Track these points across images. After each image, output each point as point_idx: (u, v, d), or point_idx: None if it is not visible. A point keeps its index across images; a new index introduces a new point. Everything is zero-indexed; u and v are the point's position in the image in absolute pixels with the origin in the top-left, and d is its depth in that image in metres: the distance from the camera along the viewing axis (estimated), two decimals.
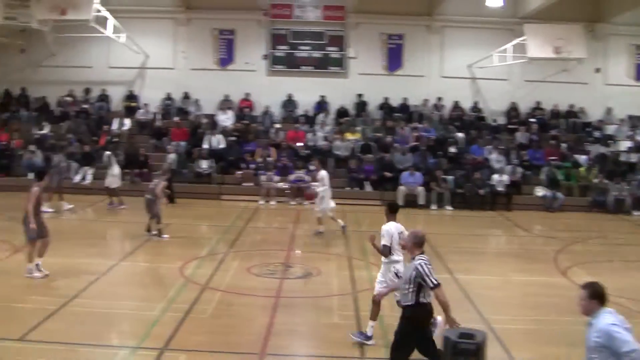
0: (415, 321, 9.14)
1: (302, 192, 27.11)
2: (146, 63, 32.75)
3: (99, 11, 26.77)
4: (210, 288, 14.39)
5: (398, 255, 11.23)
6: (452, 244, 20.22)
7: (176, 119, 31.21)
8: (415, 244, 9.23)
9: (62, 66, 32.42)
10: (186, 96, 32.58)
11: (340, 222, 21.01)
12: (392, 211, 11.75)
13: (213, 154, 28.98)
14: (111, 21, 28.04)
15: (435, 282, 8.92)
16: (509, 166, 28.58)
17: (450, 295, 14.10)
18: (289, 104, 32.49)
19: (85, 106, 32.00)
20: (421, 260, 9.04)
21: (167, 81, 32.46)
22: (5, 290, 13.82)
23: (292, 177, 27.57)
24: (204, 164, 28.44)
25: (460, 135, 30.68)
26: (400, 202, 26.51)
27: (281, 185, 27.42)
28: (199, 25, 32.67)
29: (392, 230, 11.25)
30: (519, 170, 28.64)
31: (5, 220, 21.18)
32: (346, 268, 16.66)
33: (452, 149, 29.68)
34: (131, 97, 32.72)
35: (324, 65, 32.78)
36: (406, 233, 10.85)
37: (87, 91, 32.62)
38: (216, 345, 11.04)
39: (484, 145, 29.79)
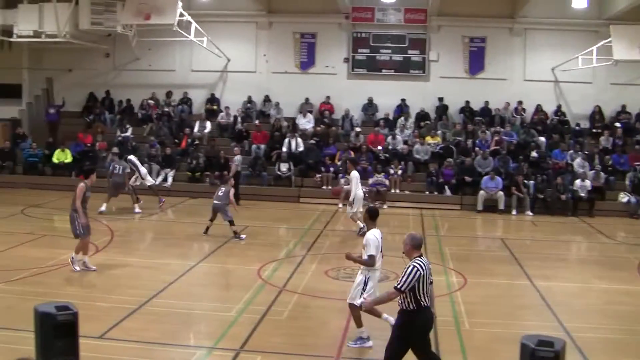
0: (412, 327, 8.97)
1: (381, 196, 27.02)
2: (228, 66, 33.08)
3: (182, 16, 27.16)
4: (287, 290, 14.47)
5: (378, 262, 11.30)
6: (532, 250, 19.94)
7: (257, 122, 31.46)
8: (414, 247, 9.13)
9: (146, 70, 33.12)
10: (267, 99, 32.80)
11: (360, 224, 20.96)
12: (372, 217, 11.85)
13: (292, 157, 29.12)
14: (194, 25, 28.41)
15: (403, 287, 8.76)
16: (592, 171, 27.91)
17: (529, 302, 14.01)
18: (370, 107, 32.43)
19: (167, 109, 32.51)
20: (415, 264, 8.90)
21: (248, 84, 32.75)
22: (87, 288, 14.16)
23: (371, 180, 27.47)
24: (283, 167, 28.59)
25: (542, 139, 30.14)
26: (479, 206, 26.29)
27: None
28: (281, 29, 32.86)
29: (377, 237, 11.24)
30: (602, 175, 27.98)
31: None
32: None
33: (534, 154, 29.16)
34: (212, 100, 33.10)
35: (405, 68, 32.59)
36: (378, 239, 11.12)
37: (169, 94, 33.14)
38: (292, 348, 11.07)
39: (567, 150, 29.22)
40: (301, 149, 29.68)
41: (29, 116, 33.91)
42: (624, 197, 27.13)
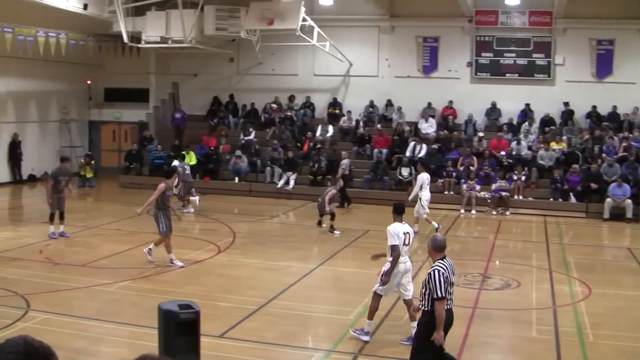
0: (430, 327, 8.86)
1: (504, 202, 26.56)
2: (350, 71, 33.15)
3: (304, 20, 27.38)
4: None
5: (403, 256, 11.47)
6: None
7: (378, 126, 31.41)
8: (434, 248, 9.15)
9: (269, 74, 33.55)
10: (389, 103, 32.70)
11: (435, 224, 21.38)
12: (397, 212, 12.05)
13: (414, 161, 28.92)
14: (316, 30, 28.60)
15: (439, 294, 8.66)
16: None
17: None
18: (493, 111, 31.88)
19: (289, 113, 32.82)
20: (437, 266, 8.88)
21: (370, 89, 32.72)
22: (209, 288, 14.40)
23: (494, 186, 27.03)
24: (405, 172, 28.43)
25: None
26: (606, 214, 25.43)
27: (483, 194, 26.92)
28: (403, 33, 32.67)
29: (397, 230, 11.48)
30: None
31: (210, 222, 22.04)
32: (546, 281, 16.07)
33: None
34: (335, 104, 33.22)
35: (530, 72, 31.85)
36: (412, 234, 11.83)
37: (292, 98, 33.46)
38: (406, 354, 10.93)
39: None
40: (424, 153, 29.42)
41: (155, 119, 34.84)
42: None
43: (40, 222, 20.28)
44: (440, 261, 9.00)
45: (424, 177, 21.58)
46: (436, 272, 8.82)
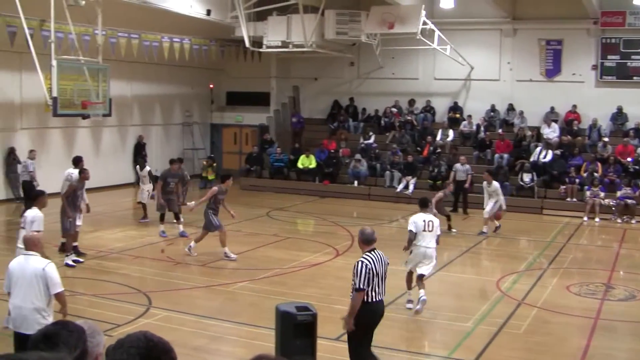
0: (357, 320, 9.08)
1: (629, 210, 25.72)
2: (471, 75, 32.76)
3: (425, 24, 27.22)
4: (526, 304, 14.06)
5: (419, 241, 13.36)
6: None
7: (500, 130, 30.94)
8: (362, 241, 9.37)
9: (389, 78, 33.47)
10: (510, 108, 32.14)
11: (497, 223, 21.67)
12: (421, 206, 13.99)
13: (536, 167, 28.35)
14: (437, 34, 28.39)
15: (360, 285, 8.92)
16: None
17: None
18: (619, 116, 30.90)
19: (409, 117, 32.68)
20: (363, 258, 9.04)
21: (492, 93, 32.21)
22: (326, 291, 14.46)
23: (619, 193, 26.21)
24: (527, 177, 27.88)
25: None
26: None
27: (607, 201, 26.14)
28: (525, 36, 32.02)
29: (416, 219, 13.43)
30: None
31: (329, 225, 22.14)
32: None
33: None
34: (455, 108, 32.89)
35: None
36: (436, 222, 13.54)
37: (412, 102, 33.31)
38: None
39: None
40: (547, 159, 28.79)
41: (275, 122, 35.25)
42: None
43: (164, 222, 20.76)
44: (367, 254, 9.23)
45: (497, 185, 22.19)
46: (360, 264, 9.12)
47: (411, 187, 28.64)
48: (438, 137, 31.19)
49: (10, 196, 25.78)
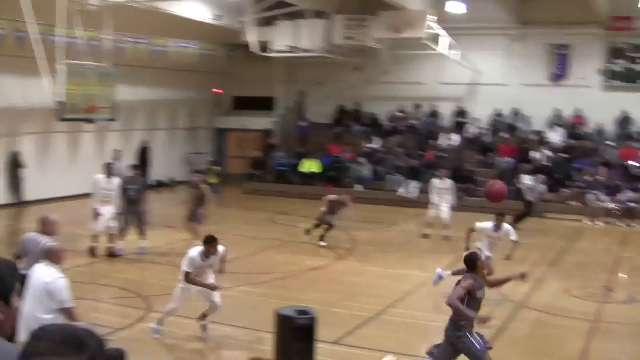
0: None
1: (632, 213, 25.70)
2: (477, 79, 32.78)
3: (432, 29, 27.28)
4: (526, 307, 14.11)
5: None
6: None
7: (505, 135, 30.95)
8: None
9: (394, 82, 33.42)
10: (516, 112, 32.16)
11: None
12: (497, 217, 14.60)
13: (539, 170, 28.35)
14: (443, 38, 28.44)
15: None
16: None
17: None
18: (625, 120, 30.91)
19: (413, 121, 32.73)
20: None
21: (498, 97, 32.11)
22: (326, 294, 14.52)
23: (623, 197, 26.21)
24: (529, 180, 27.82)
25: None
26: None
27: (610, 205, 26.13)
28: (533, 41, 31.99)
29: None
30: None
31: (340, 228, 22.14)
32: None
33: None
34: (461, 112, 32.92)
35: None
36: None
37: (417, 106, 33.35)
38: None
39: None
40: (549, 162, 28.81)
41: (281, 127, 35.34)
42: None
43: (165, 226, 20.83)
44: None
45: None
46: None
47: (415, 191, 28.61)
48: (442, 141, 31.20)
49: (11, 200, 25.73)
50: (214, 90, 35.81)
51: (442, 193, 21.54)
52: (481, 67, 32.20)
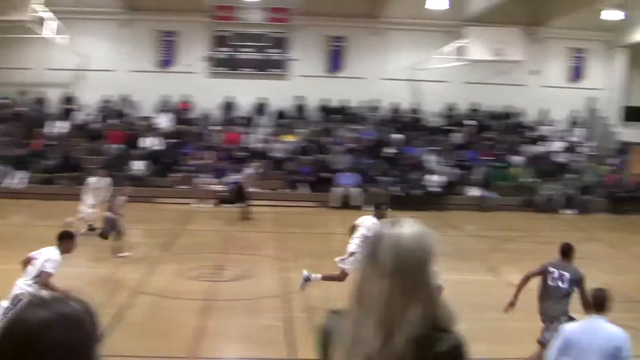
0: None
1: (241, 195, 26.85)
2: (86, 65, 32.27)
3: (36, 12, 25.99)
4: (142, 292, 14.34)
5: None
6: None
7: (114, 121, 30.92)
8: None
9: None
10: (125, 98, 32.23)
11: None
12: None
13: (149, 156, 28.73)
14: (50, 22, 27.30)
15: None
16: (445, 167, 28.95)
17: None
18: (229, 106, 32.37)
19: (19, 109, 31.48)
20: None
21: (107, 83, 31.83)
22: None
23: (227, 179, 27.35)
24: (138, 166, 28.13)
25: (397, 136, 30.90)
26: (336, 203, 26.67)
27: (217, 187, 27.23)
28: (141, 27, 32.28)
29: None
30: (455, 170, 29.03)
31: None
32: (277, 270, 16.73)
33: (390, 150, 29.88)
34: (69, 99, 32.26)
35: (266, 67, 32.75)
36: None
37: (23, 93, 32.08)
38: (144, 351, 11.00)
39: (421, 146, 30.13)
40: (159, 148, 29.34)
41: None
42: (473, 191, 28.25)
43: None
44: None
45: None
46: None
47: (23, 181, 27.50)
48: (51, 129, 30.36)
49: None
50: None
51: (98, 193, 20.66)
52: (90, 52, 31.72)
